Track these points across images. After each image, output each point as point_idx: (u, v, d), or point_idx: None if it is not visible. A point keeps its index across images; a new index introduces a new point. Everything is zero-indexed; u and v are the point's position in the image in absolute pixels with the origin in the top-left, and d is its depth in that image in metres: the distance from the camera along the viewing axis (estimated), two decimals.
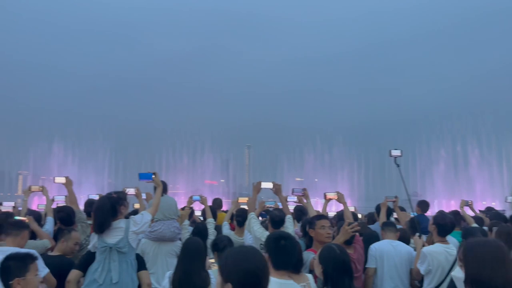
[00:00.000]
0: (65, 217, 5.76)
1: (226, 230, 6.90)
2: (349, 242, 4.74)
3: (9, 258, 3.19)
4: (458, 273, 2.63)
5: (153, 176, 5.38)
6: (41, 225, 5.92)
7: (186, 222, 6.68)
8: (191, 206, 7.56)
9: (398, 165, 6.90)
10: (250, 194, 6.35)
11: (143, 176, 5.47)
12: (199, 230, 6.10)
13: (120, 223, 4.55)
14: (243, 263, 2.14)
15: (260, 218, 7.02)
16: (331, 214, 8.14)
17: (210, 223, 6.77)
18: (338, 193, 6.28)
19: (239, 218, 6.75)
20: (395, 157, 6.91)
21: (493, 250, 2.49)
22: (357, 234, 4.89)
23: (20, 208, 7.46)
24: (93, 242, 4.59)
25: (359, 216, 9.35)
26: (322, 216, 4.94)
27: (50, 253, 5.08)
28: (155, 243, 5.77)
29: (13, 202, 8.19)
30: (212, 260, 4.55)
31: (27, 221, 5.36)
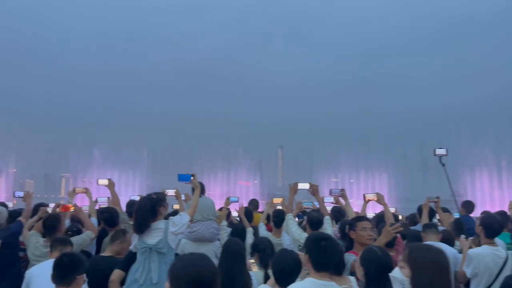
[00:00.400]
0: (109, 217, 5.95)
1: (262, 231, 6.90)
2: (390, 244, 4.62)
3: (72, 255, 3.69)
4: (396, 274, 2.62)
5: (192, 177, 5.47)
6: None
7: (224, 223, 6.74)
8: (228, 207, 7.62)
9: (443, 165, 6.68)
10: (285, 195, 6.33)
11: (182, 178, 5.58)
12: (238, 231, 6.15)
13: (159, 224, 4.63)
14: (192, 270, 2.12)
15: (296, 219, 7.00)
16: (369, 215, 7.99)
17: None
18: (378, 194, 6.16)
19: (276, 219, 6.74)
20: (440, 156, 6.68)
21: (435, 256, 2.53)
22: (398, 235, 4.77)
23: None
24: (134, 242, 4.70)
25: (400, 217, 9.12)
26: (363, 218, 4.85)
27: (102, 254, 5.25)
28: (194, 244, 5.85)
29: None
30: (253, 261, 4.57)
31: (72, 208, 5.61)
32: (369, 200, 6.36)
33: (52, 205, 8.04)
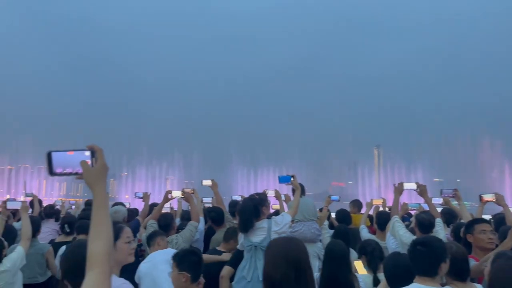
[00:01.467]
0: (216, 216, 6.26)
1: (365, 233, 6.67)
2: None
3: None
4: None
5: (292, 179, 5.53)
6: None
7: (326, 223, 6.67)
8: (328, 207, 7.51)
9: None
10: (382, 196, 6.05)
11: (283, 179, 5.68)
12: (341, 232, 6.02)
13: (263, 223, 4.77)
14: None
15: None
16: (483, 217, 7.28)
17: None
18: (497, 194, 5.60)
19: (380, 221, 6.47)
20: None
21: None
22: None
23: (175, 209, 8.41)
24: (241, 241, 4.90)
25: None
26: (481, 220, 4.44)
27: (218, 248, 5.55)
28: None
29: (169, 203, 9.24)
30: (360, 264, 4.44)
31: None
32: (486, 201, 5.80)
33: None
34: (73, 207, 11.72)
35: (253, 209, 4.77)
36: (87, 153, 1.85)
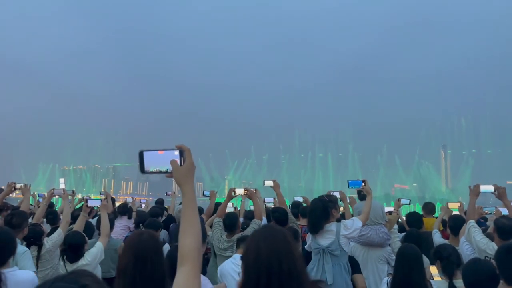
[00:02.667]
0: (280, 217, 6.26)
1: (437, 238, 6.33)
2: None
3: None
4: None
5: (363, 184, 5.40)
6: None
7: (396, 227, 6.41)
8: (398, 210, 7.22)
9: None
10: (449, 199, 5.69)
11: (353, 184, 5.55)
12: (412, 236, 5.76)
13: (331, 226, 4.68)
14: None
15: None
16: None
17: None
18: (496, 185, 5.29)
19: (454, 226, 6.10)
20: None
21: None
22: None
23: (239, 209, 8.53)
24: (309, 242, 4.85)
25: None
26: None
27: None
28: (364, 248, 5.72)
29: (231, 204, 9.40)
30: (434, 269, 4.21)
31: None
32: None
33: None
34: (143, 205, 12.33)
35: (322, 211, 4.71)
36: (176, 152, 1.92)
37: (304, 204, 7.98)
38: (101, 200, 6.06)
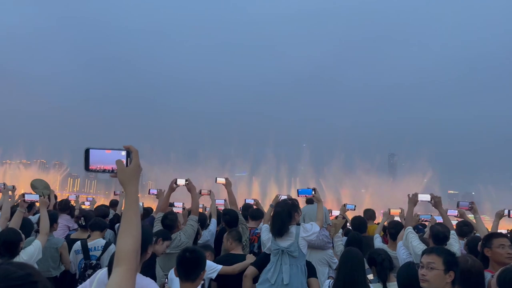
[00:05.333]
0: (230, 220, 6.24)
1: (378, 243, 6.60)
2: None
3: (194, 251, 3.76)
4: None
5: (313, 192, 5.53)
6: None
7: (340, 231, 6.61)
8: (344, 214, 7.45)
9: None
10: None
11: (303, 192, 5.68)
12: (354, 240, 5.97)
13: (291, 228, 4.81)
14: None
15: None
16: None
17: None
18: (432, 194, 5.61)
19: (393, 231, 6.40)
20: None
21: None
22: None
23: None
24: (268, 244, 4.94)
25: None
26: (500, 234, 4.38)
27: (232, 252, 5.56)
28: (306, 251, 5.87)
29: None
30: (370, 276, 4.37)
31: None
32: (502, 216, 5.71)
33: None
34: (87, 204, 11.84)
35: (287, 214, 4.83)
36: (123, 153, 1.92)
37: (254, 207, 8.03)
38: (40, 196, 5.75)
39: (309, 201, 6.76)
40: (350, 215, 8.37)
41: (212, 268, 4.74)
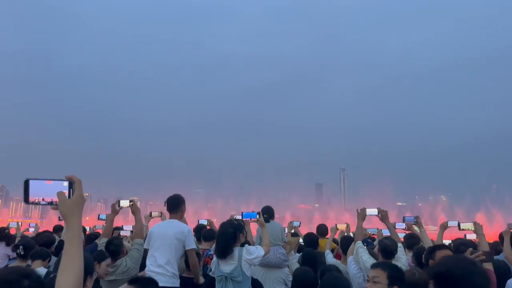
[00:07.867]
0: None
1: (330, 259, 6.70)
2: None
3: None
4: None
5: (258, 216, 5.46)
6: None
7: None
8: (292, 231, 7.49)
9: None
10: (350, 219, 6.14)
11: (247, 215, 5.60)
12: (308, 257, 6.01)
13: (234, 251, 4.70)
14: None
15: None
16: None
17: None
18: (475, 224, 5.67)
19: (345, 246, 6.53)
20: None
21: None
22: (490, 268, 4.39)
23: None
24: (213, 269, 4.81)
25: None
26: (442, 246, 4.57)
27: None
28: (262, 269, 5.83)
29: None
30: None
31: None
32: (446, 227, 5.99)
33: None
34: (31, 230, 11.11)
35: (232, 235, 4.72)
36: (65, 183, 1.84)
37: (207, 227, 7.88)
38: None
39: (266, 220, 6.73)
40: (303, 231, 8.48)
41: None
